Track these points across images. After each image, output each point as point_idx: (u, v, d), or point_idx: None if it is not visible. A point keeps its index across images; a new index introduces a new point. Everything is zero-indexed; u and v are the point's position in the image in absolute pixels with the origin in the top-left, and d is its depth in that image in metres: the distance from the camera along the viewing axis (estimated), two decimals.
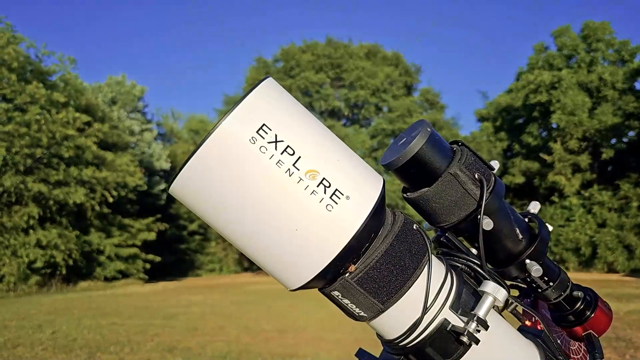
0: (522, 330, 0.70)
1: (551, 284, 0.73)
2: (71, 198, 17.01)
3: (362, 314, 0.57)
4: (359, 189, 0.54)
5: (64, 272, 16.94)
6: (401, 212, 0.60)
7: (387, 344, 0.62)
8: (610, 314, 0.77)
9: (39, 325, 8.69)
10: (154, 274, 20.85)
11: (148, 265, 20.66)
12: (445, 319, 0.58)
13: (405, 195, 0.68)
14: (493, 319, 0.62)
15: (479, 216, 0.63)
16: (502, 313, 0.70)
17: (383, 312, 0.57)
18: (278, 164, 0.50)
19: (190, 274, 23.85)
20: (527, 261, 0.69)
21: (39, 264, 16.21)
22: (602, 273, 20.03)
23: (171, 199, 24.23)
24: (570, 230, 21.74)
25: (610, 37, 23.77)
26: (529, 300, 0.81)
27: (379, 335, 0.64)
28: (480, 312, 0.57)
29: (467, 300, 0.60)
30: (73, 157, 17.63)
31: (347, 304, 0.56)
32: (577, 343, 0.78)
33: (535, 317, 0.73)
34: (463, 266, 0.64)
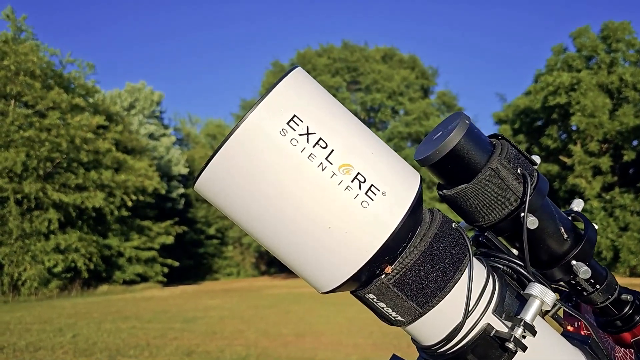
0: (567, 336, 0.66)
1: (597, 286, 0.69)
2: (90, 202, 17.25)
3: (399, 318, 0.53)
4: (396, 184, 0.51)
5: (85, 275, 17.17)
6: (439, 211, 0.56)
7: (425, 350, 0.58)
8: None
9: (59, 329, 8.80)
10: (173, 278, 21.02)
11: (166, 269, 20.83)
12: (489, 324, 0.54)
13: (441, 192, 0.64)
14: (538, 324, 0.58)
15: (522, 214, 0.59)
16: (544, 318, 0.66)
17: (421, 316, 0.53)
18: (310, 157, 0.47)
19: (208, 277, 23.96)
20: (574, 262, 0.65)
21: (59, 269, 16.44)
22: (624, 277, 19.60)
23: (189, 203, 24.42)
24: None
25: (630, 37, 23.34)
26: (570, 304, 0.76)
27: (415, 341, 0.60)
28: (527, 316, 0.53)
29: (510, 304, 0.56)
30: (92, 161, 17.90)
31: (382, 308, 0.53)
32: (622, 350, 0.73)
33: (577, 322, 0.68)
34: (505, 268, 0.61)
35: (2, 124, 15.88)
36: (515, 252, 0.64)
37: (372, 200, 0.48)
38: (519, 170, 0.60)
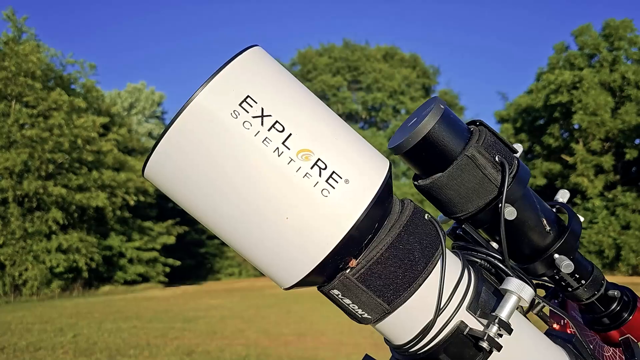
0: (550, 334, 0.62)
1: (583, 282, 0.65)
2: (92, 202, 17.27)
3: (365, 315, 0.50)
4: (361, 172, 0.47)
5: (86, 275, 17.19)
6: (411, 201, 0.53)
7: (396, 349, 0.55)
8: None
9: (60, 329, 8.80)
10: (174, 278, 21.03)
11: (168, 269, 20.85)
12: (462, 322, 0.51)
13: (416, 182, 0.61)
14: (517, 321, 0.55)
15: (500, 204, 0.55)
16: (526, 315, 0.62)
17: (389, 313, 0.50)
18: (265, 141, 0.44)
19: (210, 277, 23.95)
20: (556, 256, 0.61)
21: (61, 269, 16.46)
22: (626, 276, 19.53)
23: None
24: (593, 233, 21.24)
25: (633, 35, 23.23)
26: (556, 301, 0.73)
27: (387, 340, 0.57)
28: (503, 313, 0.49)
29: (487, 300, 0.53)
30: (94, 162, 17.93)
31: (348, 305, 0.49)
32: (611, 349, 0.70)
33: (564, 320, 0.65)
34: (482, 262, 0.57)
35: (4, 124, 15.90)
36: (495, 245, 0.61)
37: (334, 188, 0.45)
38: (497, 158, 0.56)
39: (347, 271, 0.48)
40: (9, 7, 18.30)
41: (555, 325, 0.68)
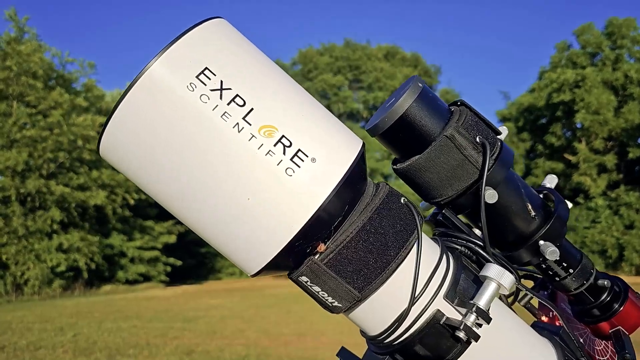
0: (537, 326, 0.59)
1: (571, 271, 0.62)
2: (92, 201, 17.28)
3: (335, 304, 0.47)
4: (329, 150, 0.44)
5: (86, 275, 17.20)
6: (387, 184, 0.50)
7: (371, 341, 0.52)
8: None
9: (60, 328, 8.80)
10: (175, 277, 21.01)
11: (169, 268, 20.84)
12: (438, 311, 0.48)
13: (394, 166, 0.58)
14: (499, 311, 0.52)
15: (481, 188, 0.52)
16: (512, 307, 0.59)
17: (361, 301, 0.47)
18: (224, 116, 0.41)
19: (211, 277, 23.93)
20: (541, 242, 0.58)
21: (62, 268, 16.47)
22: (629, 276, 19.45)
23: None
24: (596, 232, 21.15)
25: (636, 33, 23.13)
26: (546, 292, 0.69)
27: (362, 332, 0.54)
28: (481, 301, 0.46)
29: (466, 288, 0.50)
30: (94, 161, 17.93)
31: (317, 292, 0.46)
32: (603, 342, 0.66)
33: (552, 312, 0.62)
34: (463, 248, 0.54)
35: (5, 124, 15.92)
36: (478, 232, 0.58)
37: (299, 167, 0.42)
38: (477, 139, 0.53)
39: (316, 256, 0.45)
40: (12, 8, 18.32)
41: (543, 318, 0.65)
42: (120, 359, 6.44)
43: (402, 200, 0.49)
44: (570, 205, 0.62)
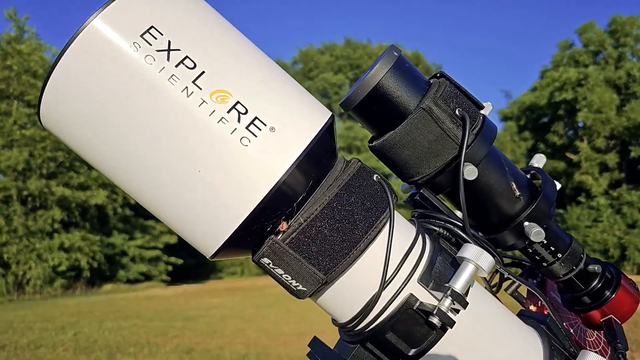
0: (523, 315, 0.55)
1: (559, 255, 0.58)
2: (93, 200, 17.29)
3: (300, 287, 0.43)
4: (290, 120, 0.40)
5: (87, 275, 17.20)
6: (358, 160, 0.46)
7: (342, 329, 0.49)
8: (636, 294, 0.61)
9: (61, 327, 8.81)
10: (176, 277, 21.00)
11: (170, 268, 20.84)
12: (412, 295, 0.44)
13: (370, 144, 0.54)
14: (480, 298, 0.48)
15: (460, 163, 0.49)
16: (498, 296, 0.55)
17: (327, 284, 0.43)
18: (171, 79, 0.37)
19: (212, 276, 23.90)
20: (526, 223, 0.54)
21: (63, 267, 16.48)
22: (631, 274, 19.39)
23: None
24: (597, 231, 21.05)
25: (639, 31, 23.02)
26: (535, 281, 0.66)
27: (334, 320, 0.50)
28: (457, 284, 0.43)
29: (442, 272, 0.46)
30: None
31: (281, 275, 0.43)
32: (595, 333, 0.63)
33: (541, 302, 0.58)
34: (441, 230, 0.50)
35: (5, 123, 15.93)
36: (459, 214, 0.54)
37: (256, 136, 0.38)
38: (457, 111, 0.49)
39: (277, 236, 0.41)
40: (11, 7, 18.33)
41: (531, 307, 0.61)
42: (120, 358, 6.43)
43: (374, 178, 0.45)
44: (558, 185, 0.58)
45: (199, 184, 0.38)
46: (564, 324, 0.58)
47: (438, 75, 0.52)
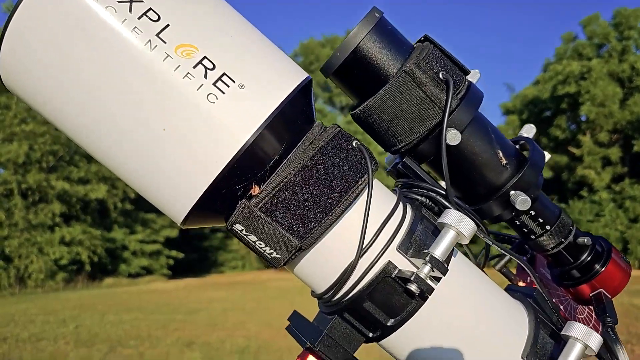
0: (510, 290, 0.54)
1: (548, 227, 0.56)
2: (93, 194, 17.32)
3: (274, 255, 0.41)
4: (262, 77, 0.38)
5: (88, 268, 17.26)
6: (337, 126, 0.44)
7: (321, 301, 0.47)
8: (627, 268, 0.59)
9: (63, 320, 8.85)
10: (178, 271, 21.06)
11: (171, 261, 20.90)
12: (390, 263, 0.42)
13: (352, 113, 0.52)
14: (463, 268, 0.47)
15: (442, 127, 0.47)
16: (483, 269, 0.54)
17: (301, 251, 0.42)
18: (134, 31, 0.35)
19: (214, 270, 23.96)
20: (512, 192, 0.52)
21: (65, 261, 16.54)
22: (633, 269, 19.40)
23: None
24: (600, 226, 21.01)
25: None
26: (525, 258, 0.64)
27: (312, 292, 0.49)
28: (437, 250, 0.41)
29: (423, 239, 0.44)
30: None
31: (254, 242, 0.41)
32: (586, 310, 0.61)
33: (530, 278, 0.56)
34: (423, 199, 0.48)
35: (5, 117, 15.94)
36: (443, 185, 0.52)
37: (223, 93, 0.36)
38: (440, 75, 0.47)
39: (250, 201, 0.40)
40: (9, 0, 18.29)
41: (520, 283, 0.59)
42: (121, 350, 6.46)
43: (354, 143, 0.43)
44: (548, 156, 0.56)
45: (165, 144, 0.36)
46: (554, 300, 0.56)
47: (422, 39, 0.50)
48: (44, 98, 0.38)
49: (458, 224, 0.41)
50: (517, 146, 0.57)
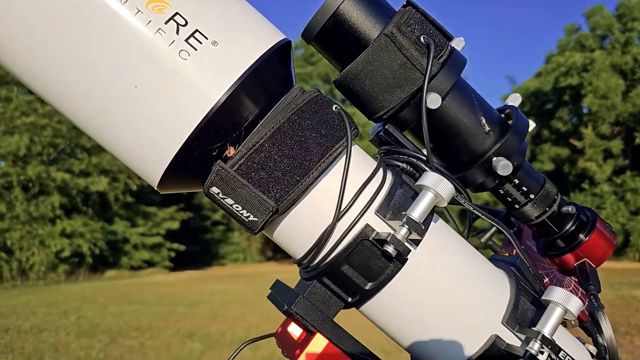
0: (494, 259, 0.53)
1: (532, 196, 0.55)
2: (94, 186, 17.33)
3: (251, 218, 0.41)
4: (237, 35, 0.38)
5: (89, 261, 17.30)
6: (318, 90, 0.44)
7: (300, 266, 0.47)
8: (612, 237, 0.59)
9: (64, 312, 8.89)
10: (179, 264, 21.11)
11: (173, 254, 20.93)
12: (367, 225, 0.42)
13: (334, 80, 0.51)
14: (444, 234, 0.46)
15: (423, 91, 0.46)
16: (467, 238, 0.53)
17: (279, 215, 0.41)
18: None
19: (215, 263, 24.01)
20: (494, 158, 0.52)
21: (66, 253, 16.58)
22: (633, 262, 19.35)
23: None
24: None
25: None
26: (511, 231, 0.63)
27: (293, 259, 0.48)
28: (414, 212, 0.40)
29: (402, 203, 0.44)
30: (95, 146, 17.92)
31: (231, 206, 0.40)
32: (572, 283, 0.60)
33: (515, 249, 0.56)
34: (404, 165, 0.48)
35: (6, 110, 15.92)
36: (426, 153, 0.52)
37: (196, 50, 0.36)
38: (422, 39, 0.46)
39: (226, 163, 0.39)
40: None
41: (506, 255, 0.59)
42: (122, 341, 6.50)
43: (333, 108, 0.43)
44: (532, 124, 0.56)
45: (136, 101, 0.36)
46: (540, 272, 0.56)
47: (405, 4, 0.50)
48: (16, 60, 0.37)
49: (436, 185, 0.41)
50: (503, 115, 0.56)
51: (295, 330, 0.47)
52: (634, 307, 7.88)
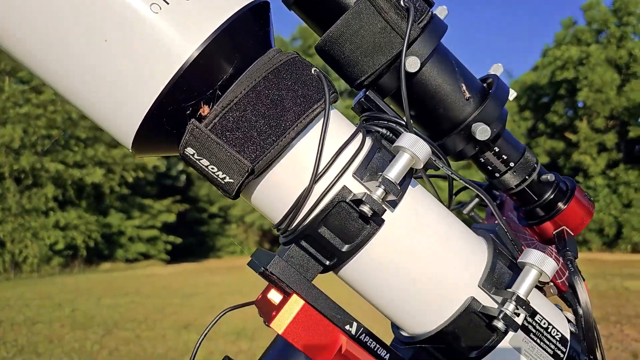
0: (474, 228, 0.54)
1: (511, 164, 0.56)
2: (89, 178, 17.20)
3: (227, 179, 0.40)
4: None
5: (83, 253, 17.21)
6: (297, 53, 0.44)
7: (279, 231, 0.47)
8: (590, 206, 0.59)
9: (59, 304, 8.86)
10: (176, 256, 21.07)
11: (169, 247, 20.87)
12: (344, 187, 0.42)
13: (315, 46, 0.51)
14: (420, 196, 0.46)
15: (402, 55, 0.46)
16: (449, 206, 0.53)
17: (255, 176, 0.41)
18: None
19: (212, 255, 23.99)
20: (474, 124, 0.52)
21: (60, 246, 16.48)
22: (625, 253, 19.50)
23: (190, 182, 24.33)
24: (594, 211, 21.11)
25: None
26: (495, 203, 0.64)
27: (273, 225, 0.48)
28: (390, 173, 0.40)
29: (380, 167, 0.44)
30: (90, 138, 17.76)
31: (207, 167, 0.40)
32: (553, 253, 0.61)
33: (497, 221, 0.56)
34: (384, 130, 0.48)
35: None
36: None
37: (168, 3, 0.35)
38: (402, 2, 0.46)
39: (201, 122, 0.39)
40: None
41: None
42: (117, 333, 6.49)
43: (312, 70, 0.43)
44: (513, 93, 0.56)
45: (106, 56, 0.35)
46: (521, 242, 0.56)
47: None
48: None
49: (412, 146, 0.41)
50: (485, 85, 0.56)
51: (274, 296, 0.47)
52: (625, 297, 7.96)
